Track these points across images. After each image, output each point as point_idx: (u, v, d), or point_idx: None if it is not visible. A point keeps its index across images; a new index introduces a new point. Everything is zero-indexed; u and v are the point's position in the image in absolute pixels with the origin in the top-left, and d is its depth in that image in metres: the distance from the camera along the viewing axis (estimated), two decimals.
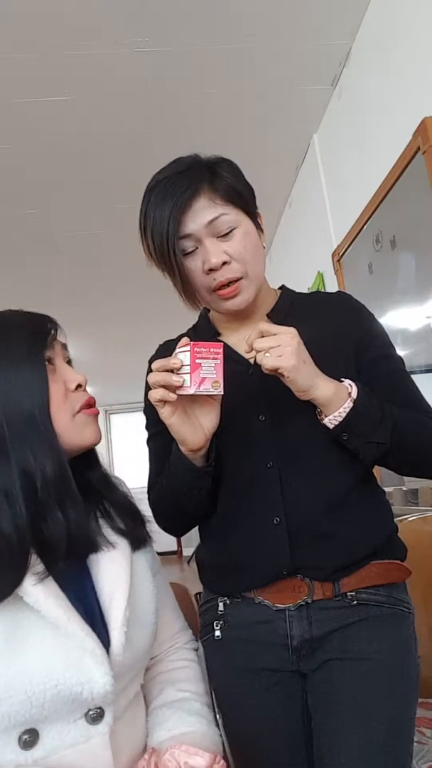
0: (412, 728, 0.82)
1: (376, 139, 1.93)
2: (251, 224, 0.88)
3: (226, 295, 0.85)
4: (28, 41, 1.85)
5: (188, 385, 0.73)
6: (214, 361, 0.74)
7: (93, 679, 0.64)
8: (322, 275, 2.64)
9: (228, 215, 0.84)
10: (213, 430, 0.81)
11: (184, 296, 0.89)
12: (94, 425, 0.81)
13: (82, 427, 0.78)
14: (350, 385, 0.81)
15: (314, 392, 0.78)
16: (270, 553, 0.85)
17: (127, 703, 0.74)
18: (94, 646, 0.66)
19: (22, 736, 0.62)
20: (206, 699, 0.82)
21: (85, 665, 0.64)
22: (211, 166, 0.86)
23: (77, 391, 0.79)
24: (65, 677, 0.63)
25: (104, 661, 0.66)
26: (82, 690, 0.63)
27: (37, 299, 3.98)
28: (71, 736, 0.64)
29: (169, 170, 0.86)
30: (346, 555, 0.85)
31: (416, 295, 1.80)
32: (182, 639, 0.90)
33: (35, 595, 0.64)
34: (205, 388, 0.74)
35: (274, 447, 0.87)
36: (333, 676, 0.83)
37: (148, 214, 0.84)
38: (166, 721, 0.75)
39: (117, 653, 0.69)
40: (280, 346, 0.75)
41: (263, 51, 2.00)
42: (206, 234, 0.83)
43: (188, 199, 0.82)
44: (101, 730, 0.66)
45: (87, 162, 2.55)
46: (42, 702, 0.61)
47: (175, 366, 0.75)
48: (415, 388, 0.91)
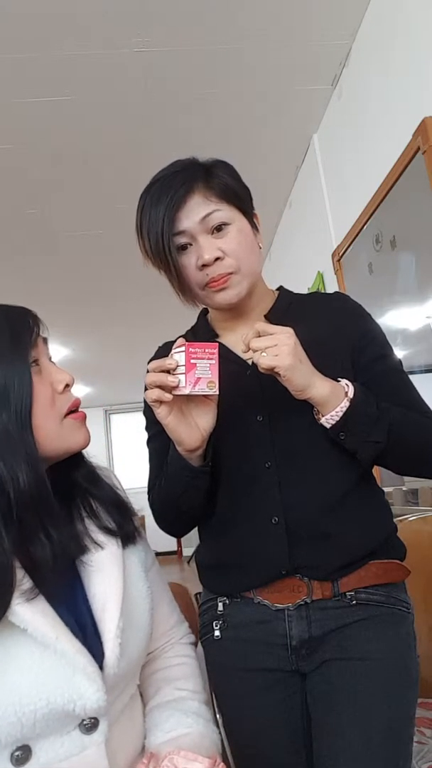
0: (411, 728, 0.82)
1: (376, 139, 1.93)
2: (246, 222, 0.88)
3: (216, 286, 0.85)
4: (28, 41, 1.85)
5: (183, 385, 0.74)
6: (209, 362, 0.75)
7: (85, 695, 0.62)
8: (322, 275, 2.64)
9: (222, 211, 0.84)
10: (210, 430, 0.82)
11: (180, 293, 0.89)
12: (83, 428, 0.77)
13: (70, 432, 0.74)
14: (347, 385, 0.82)
15: (311, 391, 0.79)
16: (268, 553, 0.85)
17: (123, 706, 0.73)
18: (86, 663, 0.64)
19: (14, 753, 0.61)
20: (204, 696, 0.81)
21: (76, 683, 0.63)
22: (207, 166, 0.87)
23: (65, 392, 0.75)
24: (55, 696, 0.61)
25: (96, 677, 0.64)
26: (74, 707, 0.62)
27: (37, 299, 3.99)
28: (65, 748, 0.63)
29: (166, 171, 0.87)
30: (344, 554, 0.85)
31: (416, 295, 1.80)
32: (178, 634, 0.89)
33: (21, 614, 0.62)
34: (201, 388, 0.74)
35: (272, 447, 0.87)
36: (332, 676, 0.83)
37: (144, 212, 0.85)
38: (163, 723, 0.74)
39: (111, 665, 0.67)
40: (276, 345, 0.76)
41: (263, 51, 2.00)
42: (200, 230, 0.84)
43: (182, 196, 0.83)
44: (96, 739, 0.64)
45: (87, 162, 2.55)
46: (33, 722, 0.60)
47: (170, 366, 0.75)
48: (413, 388, 0.91)
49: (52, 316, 0.87)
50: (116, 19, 1.80)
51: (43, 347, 0.76)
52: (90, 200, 2.87)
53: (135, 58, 1.96)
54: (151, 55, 1.96)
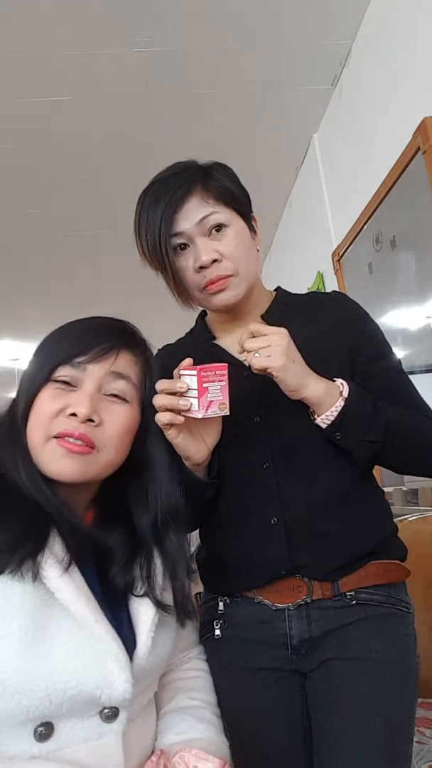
0: (411, 728, 0.82)
1: (376, 139, 1.93)
2: (244, 225, 0.88)
3: (214, 289, 0.85)
4: (28, 41, 1.85)
5: (196, 409, 0.74)
6: (220, 383, 0.75)
7: (113, 684, 0.64)
8: (322, 275, 2.64)
9: (219, 214, 0.85)
10: (215, 444, 0.82)
11: (176, 295, 0.90)
12: (63, 460, 0.70)
13: (50, 456, 0.70)
14: (342, 384, 0.82)
15: (305, 391, 0.79)
16: (268, 553, 0.85)
17: (141, 707, 0.74)
18: (118, 651, 0.65)
19: (37, 728, 0.62)
20: (216, 710, 0.82)
21: (107, 669, 0.64)
22: (206, 168, 0.88)
23: (71, 418, 0.71)
24: (86, 679, 0.63)
25: (126, 667, 0.65)
26: (101, 694, 0.63)
27: (36, 299, 4.00)
28: (85, 732, 0.64)
29: (165, 173, 0.87)
30: (344, 554, 0.85)
31: (416, 295, 1.80)
32: (195, 651, 0.90)
33: (66, 592, 0.64)
34: (213, 411, 0.74)
35: (269, 448, 0.87)
36: (332, 676, 0.83)
37: (142, 214, 0.86)
38: (176, 725, 0.75)
39: (142, 657, 0.69)
40: (270, 346, 0.76)
41: (263, 51, 2.00)
42: (198, 232, 0.84)
43: (180, 198, 0.83)
44: (115, 728, 0.66)
45: (87, 162, 2.55)
46: (61, 701, 0.61)
47: (181, 390, 0.75)
48: (412, 388, 0.91)
49: (51, 315, 0.87)
50: (116, 19, 1.80)
51: (96, 375, 0.73)
52: (90, 200, 2.87)
53: (135, 58, 1.96)
54: (151, 55, 1.96)
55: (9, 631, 0.61)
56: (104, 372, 0.74)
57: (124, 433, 0.75)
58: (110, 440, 0.73)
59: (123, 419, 0.74)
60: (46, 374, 0.73)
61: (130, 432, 0.76)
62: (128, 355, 0.77)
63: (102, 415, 0.72)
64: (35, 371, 0.74)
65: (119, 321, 0.81)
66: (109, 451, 0.73)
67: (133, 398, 0.77)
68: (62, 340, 0.76)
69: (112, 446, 0.74)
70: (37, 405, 0.72)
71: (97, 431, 0.72)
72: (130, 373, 0.76)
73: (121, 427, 0.74)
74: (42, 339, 0.78)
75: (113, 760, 0.65)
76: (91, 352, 0.73)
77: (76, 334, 0.76)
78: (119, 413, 0.74)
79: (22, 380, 0.76)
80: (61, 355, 0.73)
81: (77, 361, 0.73)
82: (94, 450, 0.72)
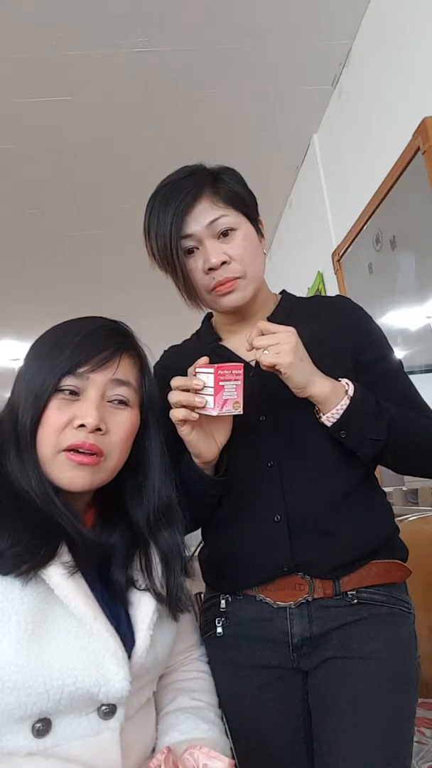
0: (411, 727, 0.83)
1: (376, 139, 1.93)
2: (252, 228, 0.90)
3: (223, 290, 0.87)
4: (28, 41, 1.85)
5: (211, 406, 0.75)
6: (236, 383, 0.76)
7: (111, 681, 0.64)
8: (322, 275, 2.64)
9: (228, 217, 0.86)
10: (224, 442, 0.83)
11: (186, 297, 0.91)
12: (74, 472, 0.71)
13: (60, 468, 0.71)
14: (347, 384, 0.83)
15: (311, 389, 0.80)
16: (270, 550, 0.85)
17: (139, 706, 0.74)
18: (116, 648, 0.66)
19: (35, 724, 0.62)
20: (219, 711, 0.83)
21: (105, 666, 0.65)
22: (215, 172, 0.89)
23: (79, 429, 0.71)
24: (84, 675, 0.63)
25: (124, 664, 0.66)
26: (99, 691, 0.64)
27: (36, 299, 3.99)
28: (82, 728, 0.65)
29: (174, 176, 0.89)
30: (345, 553, 0.85)
31: (416, 295, 1.80)
32: (197, 653, 0.90)
33: (66, 589, 0.65)
34: (228, 409, 0.76)
35: (274, 447, 0.88)
36: (333, 675, 0.83)
37: (152, 216, 0.87)
38: (180, 724, 0.76)
39: (140, 654, 0.69)
40: (278, 343, 0.77)
41: (263, 51, 2.00)
42: (207, 235, 0.86)
43: (191, 201, 0.85)
44: (112, 725, 0.66)
45: (87, 162, 2.55)
46: (59, 697, 0.62)
47: (197, 387, 0.76)
48: (413, 388, 0.92)
49: (52, 315, 0.87)
50: (117, 20, 1.80)
51: (101, 383, 0.74)
52: (90, 200, 2.87)
53: (135, 58, 1.96)
54: (151, 55, 1.96)
55: (8, 627, 0.61)
56: (107, 380, 0.74)
57: (128, 437, 0.77)
58: (116, 446, 0.74)
59: (127, 424, 0.76)
60: (53, 385, 0.72)
61: (133, 435, 0.78)
62: (128, 359, 0.78)
63: (108, 422, 0.74)
64: (38, 380, 0.73)
65: (115, 323, 0.81)
66: (114, 457, 0.75)
67: (134, 402, 0.78)
68: (63, 348, 0.74)
69: (118, 451, 0.75)
70: (46, 416, 0.72)
71: (104, 439, 0.73)
72: (131, 378, 0.77)
73: (125, 432, 0.76)
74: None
75: (110, 756, 0.65)
76: (93, 360, 0.73)
77: (77, 341, 0.75)
78: (123, 419, 0.75)
79: (22, 386, 0.75)
80: (65, 365, 0.73)
81: (80, 371, 0.73)
82: (102, 458, 0.73)
